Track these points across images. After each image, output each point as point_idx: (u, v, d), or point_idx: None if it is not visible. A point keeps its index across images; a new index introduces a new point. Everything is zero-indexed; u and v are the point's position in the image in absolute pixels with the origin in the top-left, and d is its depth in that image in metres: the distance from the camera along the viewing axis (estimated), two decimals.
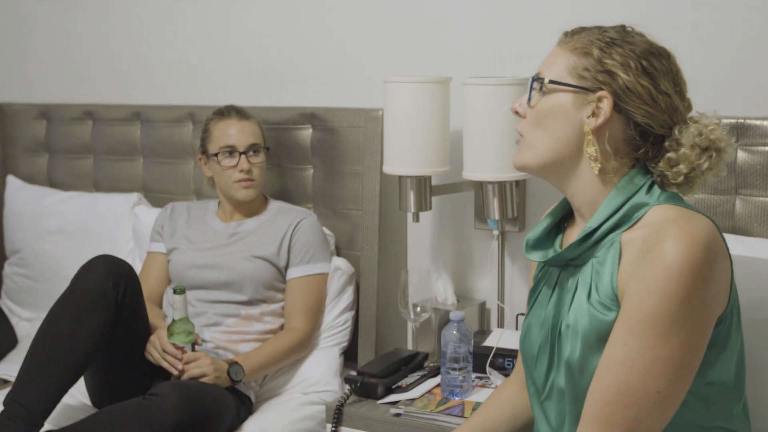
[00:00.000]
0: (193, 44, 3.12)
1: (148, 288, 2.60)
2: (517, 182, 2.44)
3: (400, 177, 2.41)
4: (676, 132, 1.43)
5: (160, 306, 2.70)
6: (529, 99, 1.51)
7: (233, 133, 2.62)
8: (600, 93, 1.43)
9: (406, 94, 2.35)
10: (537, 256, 1.56)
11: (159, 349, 2.38)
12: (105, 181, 3.18)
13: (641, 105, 1.42)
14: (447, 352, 2.21)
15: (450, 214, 2.68)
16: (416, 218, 2.45)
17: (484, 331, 2.55)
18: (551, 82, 1.47)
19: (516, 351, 2.25)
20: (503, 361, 2.28)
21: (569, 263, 1.52)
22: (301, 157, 2.80)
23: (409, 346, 2.58)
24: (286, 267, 2.63)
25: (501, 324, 2.56)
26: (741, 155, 2.14)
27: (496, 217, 2.39)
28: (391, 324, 2.68)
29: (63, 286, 3.01)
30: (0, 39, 3.54)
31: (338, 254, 2.77)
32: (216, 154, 2.62)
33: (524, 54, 2.46)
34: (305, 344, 2.61)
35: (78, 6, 3.33)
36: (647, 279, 1.33)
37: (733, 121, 2.15)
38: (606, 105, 1.43)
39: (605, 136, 1.44)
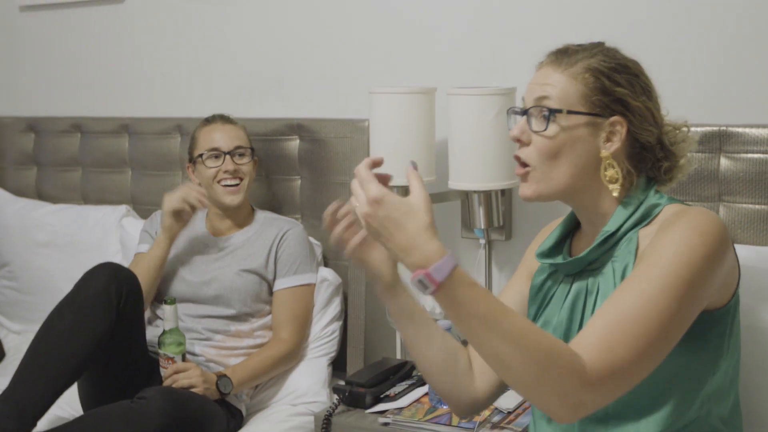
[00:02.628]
0: (180, 56, 3.12)
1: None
2: (503, 191, 2.44)
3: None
4: (666, 140, 1.51)
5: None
6: (534, 127, 1.49)
7: (218, 136, 2.62)
8: (614, 119, 1.46)
9: (391, 105, 2.36)
10: (547, 261, 1.58)
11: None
12: (93, 194, 3.18)
13: (647, 126, 1.47)
14: None
15: (436, 223, 2.65)
16: None
17: None
18: (570, 112, 1.47)
19: None
20: None
21: (585, 268, 1.53)
22: (288, 167, 2.81)
23: (398, 356, 2.57)
24: (274, 279, 2.62)
25: None
26: (724, 162, 2.15)
27: (483, 226, 2.40)
28: (380, 333, 2.69)
29: (52, 298, 3.00)
30: None
31: (326, 264, 2.76)
32: (201, 155, 2.61)
33: (508, 64, 2.48)
34: (293, 355, 2.60)
35: (66, 19, 3.34)
36: (669, 235, 1.37)
37: (715, 128, 2.16)
38: (622, 130, 1.46)
39: (620, 158, 1.48)
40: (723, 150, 2.15)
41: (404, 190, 2.37)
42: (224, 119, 2.69)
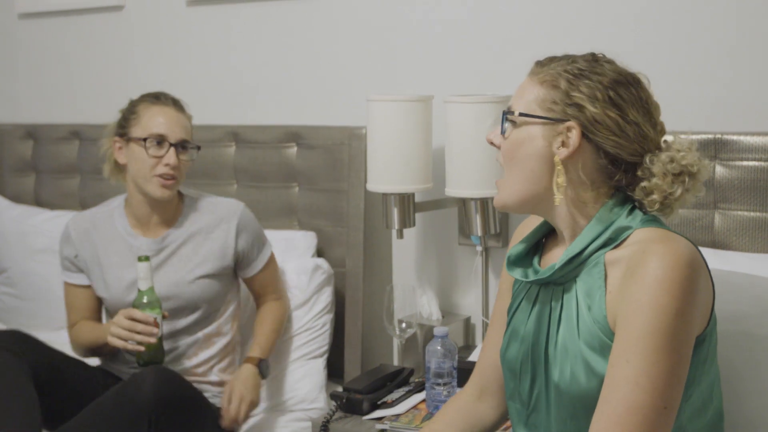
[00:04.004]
0: (178, 64, 3.14)
1: (81, 317, 2.48)
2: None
3: (384, 194, 2.42)
4: (647, 161, 1.43)
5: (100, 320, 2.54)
6: (503, 131, 1.51)
7: (166, 122, 2.38)
8: (568, 123, 1.43)
9: (388, 112, 2.36)
10: (518, 274, 1.56)
11: (126, 324, 2.21)
12: (91, 201, 3.15)
13: (610, 135, 1.42)
14: (431, 368, 2.22)
15: (434, 231, 2.69)
16: (400, 235, 2.46)
17: (468, 346, 2.56)
18: (521, 114, 1.47)
19: None
20: None
21: (548, 283, 1.52)
22: (286, 175, 2.81)
23: (395, 362, 2.57)
24: (237, 268, 2.51)
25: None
26: (719, 170, 2.16)
27: (479, 233, 2.40)
28: (377, 340, 2.70)
29: (50, 304, 3.06)
30: None
31: (320, 255, 2.75)
32: (144, 140, 2.35)
33: (504, 72, 2.49)
34: (288, 306, 2.61)
35: (64, 26, 3.35)
36: (637, 296, 1.33)
37: (710, 136, 2.17)
38: (574, 135, 1.42)
39: (578, 165, 1.44)
40: (718, 157, 2.16)
41: (401, 197, 2.40)
42: (177, 104, 2.46)
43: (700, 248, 1.45)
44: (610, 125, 1.42)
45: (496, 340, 1.68)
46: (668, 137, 1.49)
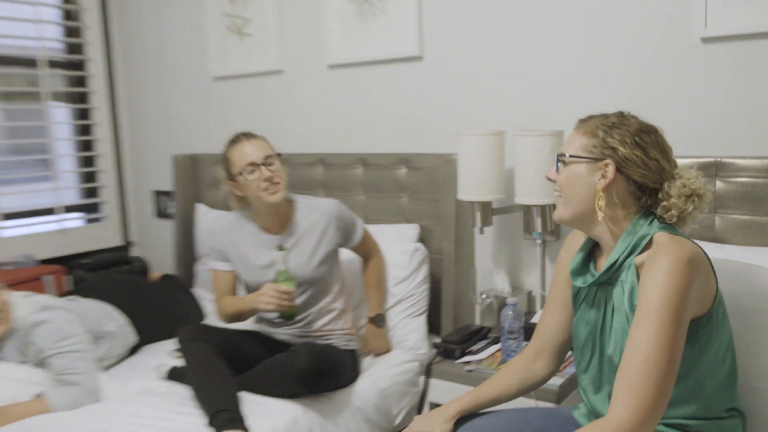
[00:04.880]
0: (344, 106, 3.13)
1: (225, 294, 2.41)
2: (554, 205, 2.43)
3: (470, 202, 2.44)
4: (666, 186, 1.47)
5: None
6: (557, 170, 1.55)
7: (249, 151, 2.28)
8: (605, 161, 1.47)
9: (473, 144, 2.38)
10: (579, 282, 1.59)
11: (274, 294, 2.17)
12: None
13: (637, 169, 1.46)
14: (505, 327, 2.23)
15: (505, 228, 2.69)
16: (482, 231, 2.47)
17: (530, 312, 2.56)
18: (571, 156, 1.52)
19: None
20: None
21: (603, 283, 1.55)
22: (398, 188, 2.82)
23: (477, 322, 2.59)
24: (342, 244, 2.45)
25: (542, 307, 2.55)
26: (719, 185, 2.11)
27: (539, 230, 2.41)
28: (464, 306, 2.70)
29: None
30: (192, 111, 3.62)
31: (422, 242, 2.74)
32: (241, 173, 2.29)
33: (558, 113, 2.48)
34: (383, 257, 2.61)
35: (249, 83, 3.40)
36: (650, 280, 1.37)
37: (712, 159, 2.12)
38: (610, 170, 1.46)
39: (613, 192, 1.48)
40: (718, 175, 2.11)
41: (482, 204, 2.41)
42: (247, 135, 2.35)
43: (705, 243, 1.48)
44: (637, 161, 1.45)
45: (549, 318, 1.71)
46: (681, 169, 1.51)
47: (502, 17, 2.59)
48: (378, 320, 2.55)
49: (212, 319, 2.94)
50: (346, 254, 2.56)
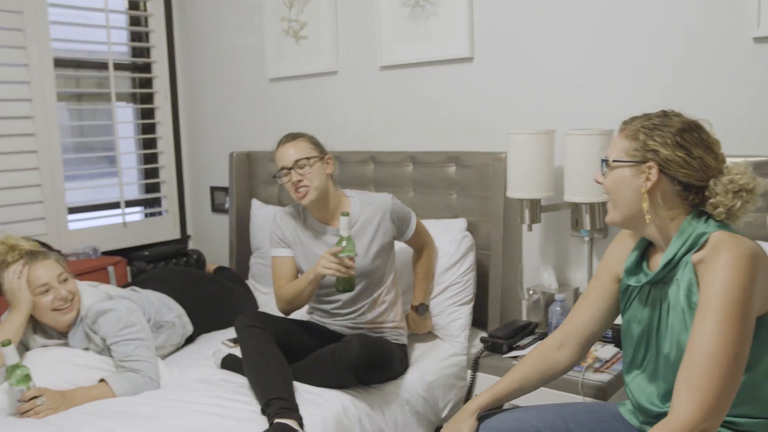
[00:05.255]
0: (398, 104, 3.13)
1: (286, 282, 2.39)
2: (603, 203, 2.39)
3: (519, 199, 2.40)
4: (712, 184, 1.43)
5: None
6: (603, 173, 1.53)
7: (283, 156, 2.30)
8: (648, 164, 1.44)
9: (523, 142, 2.34)
10: (633, 281, 1.56)
11: (333, 259, 2.14)
12: None
13: (680, 169, 1.42)
14: (552, 322, 2.19)
15: (553, 225, 2.65)
16: (530, 228, 2.44)
17: None
18: (614, 161, 1.49)
19: None
20: None
21: (657, 282, 1.51)
22: (448, 185, 2.79)
23: (524, 318, 2.55)
24: (397, 237, 2.43)
25: None
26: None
27: (588, 227, 2.35)
28: (511, 302, 2.67)
29: None
30: (248, 110, 3.66)
31: (471, 231, 2.70)
32: (275, 176, 2.34)
33: (608, 112, 2.43)
34: (435, 247, 2.59)
35: (303, 84, 3.42)
36: (711, 276, 1.34)
37: (765, 158, 2.05)
38: (654, 172, 1.43)
39: (658, 193, 1.45)
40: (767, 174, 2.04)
41: (531, 201, 2.37)
42: (289, 138, 2.35)
43: (757, 242, 1.42)
44: (680, 162, 1.42)
45: (583, 310, 1.67)
46: (729, 163, 1.47)
47: (552, 19, 2.55)
48: (421, 310, 2.54)
49: (265, 310, 2.97)
50: (398, 243, 2.55)
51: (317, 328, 2.41)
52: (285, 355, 2.18)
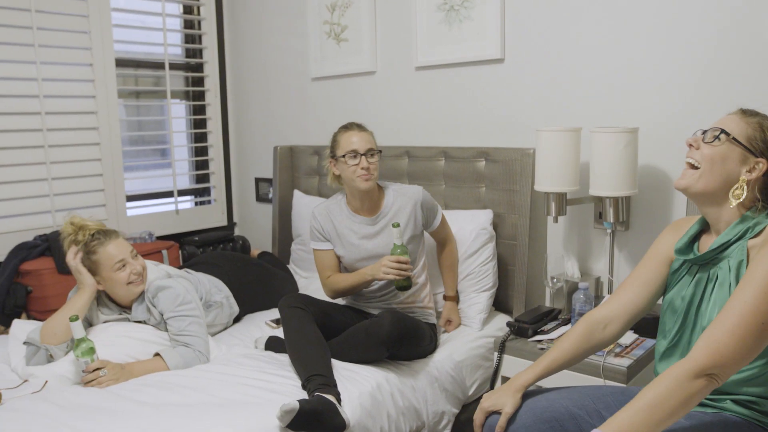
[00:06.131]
0: (432, 106, 3.14)
1: (332, 272, 2.42)
2: (626, 198, 2.34)
3: (545, 193, 2.36)
4: None
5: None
6: (706, 139, 1.44)
7: (355, 140, 2.32)
8: (760, 159, 1.40)
9: (550, 139, 2.30)
10: (681, 258, 1.52)
11: (394, 264, 2.19)
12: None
13: None
14: (576, 309, 2.16)
15: (577, 218, 2.60)
16: (555, 220, 2.39)
17: (598, 297, 2.47)
18: (734, 138, 1.41)
19: None
20: None
21: (708, 262, 1.47)
22: (477, 179, 2.76)
23: (547, 304, 2.52)
24: (424, 227, 2.45)
25: (610, 291, 2.46)
26: None
27: (611, 220, 2.31)
28: (536, 289, 2.64)
29: None
30: (291, 107, 3.66)
31: (497, 242, 2.67)
32: (343, 156, 2.33)
33: (632, 111, 2.37)
34: (455, 242, 2.58)
35: (343, 83, 3.42)
36: (761, 256, 1.31)
37: None
38: (762, 167, 1.39)
39: (754, 187, 1.41)
40: None
41: (557, 195, 2.33)
42: (359, 127, 2.38)
43: None
44: None
45: (631, 292, 1.61)
46: None
47: (579, 22, 2.50)
48: (457, 299, 2.54)
49: (306, 292, 2.97)
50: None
51: (354, 309, 2.42)
52: (324, 333, 2.19)
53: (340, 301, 2.52)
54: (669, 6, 2.27)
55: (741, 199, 1.39)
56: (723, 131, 1.42)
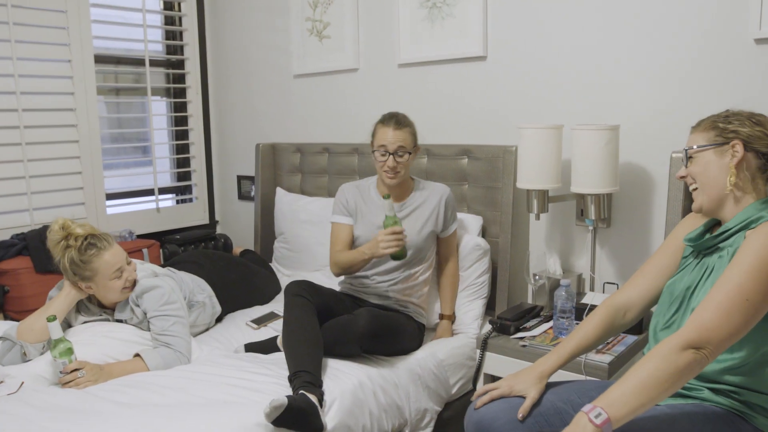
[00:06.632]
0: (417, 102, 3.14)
1: (342, 247, 2.44)
2: (607, 194, 2.35)
3: (528, 190, 2.36)
4: None
5: None
6: (686, 165, 1.53)
7: (388, 137, 2.34)
8: (733, 142, 1.46)
9: (532, 136, 2.30)
10: (689, 244, 1.57)
11: (389, 236, 2.18)
12: (335, 191, 3.23)
13: (762, 141, 1.45)
14: (558, 306, 2.16)
15: (559, 215, 2.61)
16: (538, 217, 2.40)
17: (580, 293, 2.48)
18: (698, 146, 1.50)
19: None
20: None
21: (711, 251, 1.52)
22: (459, 177, 2.76)
23: (530, 301, 2.52)
24: (442, 229, 2.48)
25: (592, 288, 2.47)
26: None
27: (593, 217, 2.32)
28: (518, 286, 2.64)
29: (310, 255, 3.10)
30: (273, 105, 3.64)
31: (483, 236, 2.67)
32: (374, 150, 2.37)
33: (614, 109, 2.38)
34: (458, 264, 2.56)
35: (326, 81, 3.40)
36: (751, 240, 1.36)
37: None
38: (739, 147, 1.45)
39: (744, 167, 1.47)
40: None
41: (539, 192, 2.33)
42: (398, 122, 2.37)
43: None
44: (761, 135, 1.45)
45: (648, 281, 1.65)
46: None
47: (561, 20, 2.50)
48: (453, 318, 2.55)
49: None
50: None
51: (353, 298, 2.45)
52: (320, 320, 2.20)
53: (341, 287, 2.54)
54: (651, 6, 2.29)
55: (734, 184, 1.45)
56: (687, 150, 1.52)
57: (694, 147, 1.51)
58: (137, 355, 2.16)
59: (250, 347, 2.37)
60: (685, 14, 2.21)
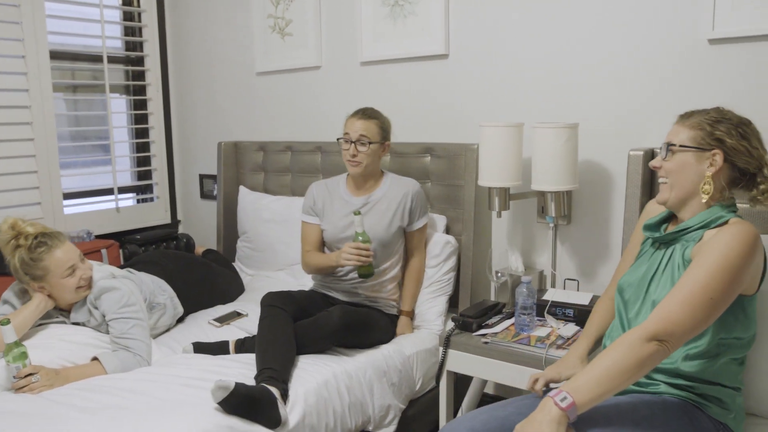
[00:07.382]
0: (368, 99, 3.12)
1: (311, 247, 2.50)
2: (567, 192, 2.37)
3: (489, 188, 2.38)
4: (765, 171, 1.48)
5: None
6: (665, 157, 1.54)
7: (352, 127, 2.39)
8: (714, 151, 1.48)
9: (493, 134, 2.32)
10: (648, 234, 1.63)
11: (353, 251, 2.26)
12: (299, 190, 3.23)
13: (742, 157, 1.47)
14: (519, 303, 2.18)
15: (520, 213, 2.63)
16: (499, 215, 2.42)
17: (542, 290, 2.50)
18: (681, 146, 1.51)
19: (564, 303, 2.22)
20: (555, 309, 2.23)
21: (667, 244, 1.57)
22: (422, 174, 2.76)
23: (492, 298, 2.54)
24: (408, 224, 2.49)
25: (554, 285, 2.50)
26: None
27: (553, 214, 2.34)
28: (481, 283, 2.66)
29: (273, 255, 3.08)
30: (236, 102, 3.61)
31: (447, 232, 2.68)
32: (339, 139, 2.44)
33: (573, 107, 2.41)
34: (425, 260, 2.58)
35: (288, 78, 3.37)
36: (713, 242, 1.40)
37: None
38: (719, 159, 1.47)
39: (719, 177, 1.49)
40: None
41: (500, 190, 2.35)
42: (366, 114, 2.42)
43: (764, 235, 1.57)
44: (743, 151, 1.47)
45: (627, 266, 1.74)
46: None
47: (522, 20, 2.52)
48: (412, 315, 2.57)
49: (250, 290, 2.93)
50: None
51: (324, 297, 2.49)
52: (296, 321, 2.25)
53: (314, 282, 2.57)
54: (608, 7, 2.32)
55: (710, 194, 1.48)
56: (669, 144, 1.52)
57: (677, 144, 1.51)
58: (95, 358, 2.12)
59: (199, 348, 2.33)
60: (641, 16, 2.25)
